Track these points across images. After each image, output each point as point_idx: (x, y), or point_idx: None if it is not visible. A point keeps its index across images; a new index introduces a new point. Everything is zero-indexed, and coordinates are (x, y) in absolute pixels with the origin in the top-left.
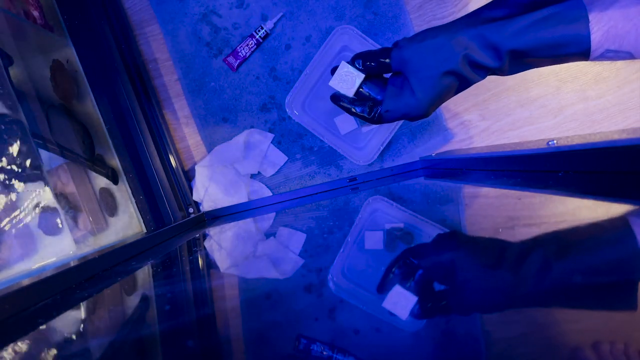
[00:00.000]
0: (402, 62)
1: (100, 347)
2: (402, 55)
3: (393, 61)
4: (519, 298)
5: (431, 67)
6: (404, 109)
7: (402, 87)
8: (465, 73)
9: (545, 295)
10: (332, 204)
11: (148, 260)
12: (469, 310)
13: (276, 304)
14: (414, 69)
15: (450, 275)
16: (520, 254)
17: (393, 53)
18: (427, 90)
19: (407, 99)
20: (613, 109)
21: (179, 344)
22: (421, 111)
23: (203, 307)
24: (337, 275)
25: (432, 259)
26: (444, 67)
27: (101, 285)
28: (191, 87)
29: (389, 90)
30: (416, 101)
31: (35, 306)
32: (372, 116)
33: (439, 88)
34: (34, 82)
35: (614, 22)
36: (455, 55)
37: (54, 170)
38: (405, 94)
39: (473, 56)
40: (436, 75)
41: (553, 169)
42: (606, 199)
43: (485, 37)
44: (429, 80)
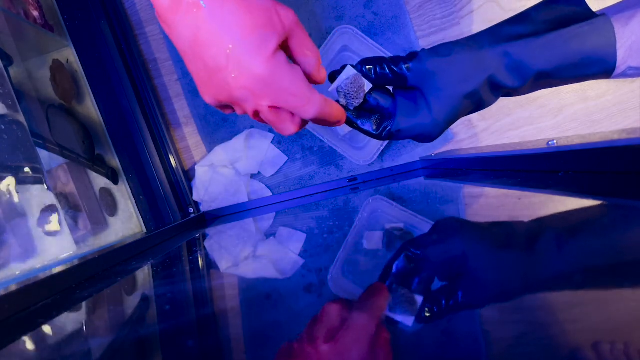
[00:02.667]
0: (423, 76)
1: (100, 347)
2: (423, 69)
3: (412, 73)
4: (536, 280)
5: (455, 86)
6: (417, 129)
7: (417, 105)
8: (484, 95)
9: (565, 274)
10: (332, 204)
11: (148, 260)
12: (482, 301)
13: (276, 304)
14: (435, 86)
15: (457, 265)
16: (531, 233)
17: (413, 65)
18: (446, 111)
19: (422, 118)
20: (613, 109)
21: (179, 344)
22: (434, 134)
23: (203, 307)
24: (337, 275)
25: (435, 248)
26: (468, 88)
27: (101, 285)
28: (191, 86)
29: (402, 106)
30: (432, 122)
31: (35, 306)
32: (380, 133)
33: (458, 110)
34: (34, 82)
35: (636, 37)
36: (480, 76)
37: (54, 170)
38: (421, 113)
39: (497, 78)
40: (459, 95)
41: (553, 169)
42: (606, 199)
43: (512, 56)
44: (450, 100)
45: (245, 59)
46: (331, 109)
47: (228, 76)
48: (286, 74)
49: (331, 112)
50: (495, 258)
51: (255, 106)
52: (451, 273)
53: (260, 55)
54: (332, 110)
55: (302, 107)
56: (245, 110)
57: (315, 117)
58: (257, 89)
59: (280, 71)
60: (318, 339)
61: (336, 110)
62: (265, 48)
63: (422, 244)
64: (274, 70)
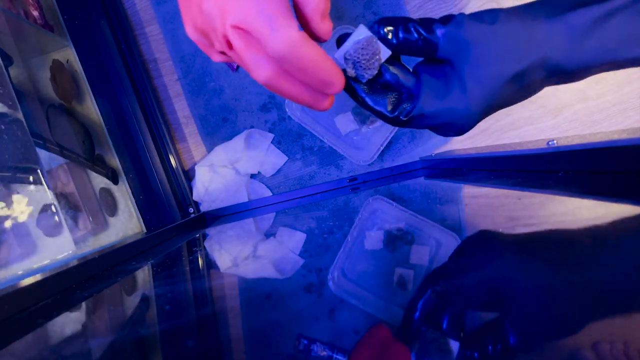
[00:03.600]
0: (459, 46)
1: (100, 347)
2: (460, 37)
3: (444, 41)
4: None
5: (500, 63)
6: (446, 116)
7: (447, 82)
8: (534, 79)
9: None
10: (332, 204)
11: (148, 260)
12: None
13: (276, 304)
14: (474, 61)
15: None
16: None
17: (448, 28)
18: (485, 95)
19: (454, 102)
20: (613, 109)
21: (179, 344)
22: (466, 124)
23: (203, 307)
24: (337, 276)
25: (467, 274)
26: (516, 67)
27: (101, 285)
28: (191, 87)
29: (428, 84)
30: (466, 108)
31: (35, 306)
32: (396, 116)
33: (499, 95)
34: (34, 82)
35: None
36: (533, 54)
37: (54, 170)
38: (453, 95)
39: (555, 58)
40: (503, 75)
41: (553, 169)
42: (606, 199)
43: (576, 27)
44: (491, 81)
45: None
46: (312, 54)
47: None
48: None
49: (311, 58)
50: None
51: (223, 28)
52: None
53: None
54: (314, 56)
55: (268, 34)
56: (218, 38)
57: (282, 54)
58: (223, 3)
59: None
60: None
61: (322, 61)
62: None
63: (451, 270)
64: None
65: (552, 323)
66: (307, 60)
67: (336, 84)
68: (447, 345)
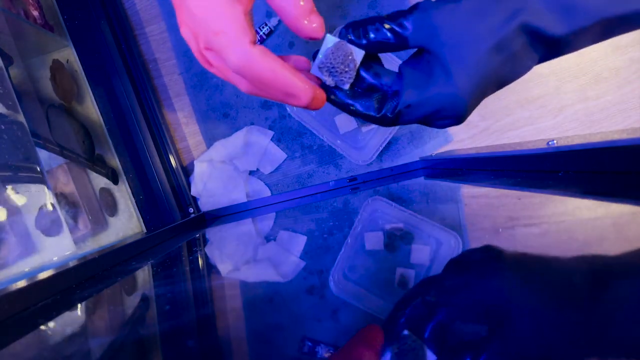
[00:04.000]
0: (429, 31)
1: (100, 347)
2: (428, 21)
3: (414, 30)
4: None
5: (475, 37)
6: (435, 101)
7: (429, 70)
8: (518, 47)
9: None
10: (332, 205)
11: (148, 260)
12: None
13: (279, 307)
14: (449, 41)
15: (489, 314)
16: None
17: (414, 17)
18: (469, 71)
19: (439, 86)
20: (613, 109)
21: (180, 346)
22: (460, 106)
23: (204, 310)
24: (338, 277)
25: (462, 289)
26: (493, 38)
27: (101, 285)
28: (193, 82)
29: (409, 75)
30: (453, 89)
31: (35, 306)
32: (383, 115)
33: (485, 70)
34: (34, 82)
35: None
36: (507, 21)
37: (54, 170)
38: (437, 79)
39: (533, 21)
40: (482, 49)
41: (553, 169)
42: (606, 199)
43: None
44: (471, 56)
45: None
46: (266, 69)
47: (177, 10)
48: (213, 9)
49: (266, 72)
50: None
51: (197, 47)
52: (479, 326)
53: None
54: (268, 70)
55: (225, 52)
56: (201, 57)
57: (238, 69)
58: (191, 25)
59: (210, 5)
60: None
61: (278, 73)
62: None
63: (445, 283)
64: (201, 4)
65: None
66: (262, 75)
67: (301, 97)
68: (424, 355)
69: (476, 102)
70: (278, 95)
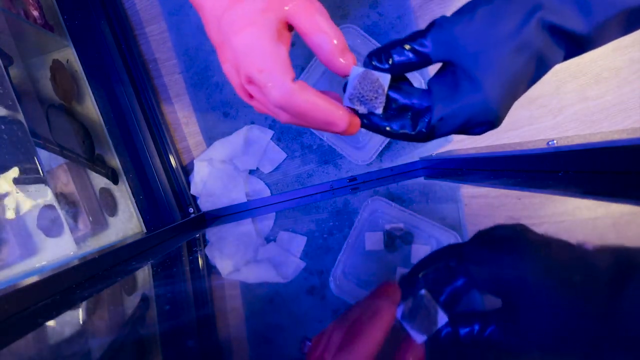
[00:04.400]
0: (449, 45)
1: (100, 347)
2: (447, 36)
3: (434, 46)
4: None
5: (495, 42)
6: (466, 110)
7: (456, 82)
8: (540, 44)
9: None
10: (332, 205)
11: (148, 260)
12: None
13: (279, 308)
14: (470, 51)
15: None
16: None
17: (432, 35)
18: (495, 76)
19: (468, 96)
20: (613, 109)
21: (180, 346)
22: (492, 111)
23: (205, 310)
24: (339, 277)
25: (485, 262)
26: (513, 40)
27: (101, 285)
28: (193, 80)
29: (437, 90)
30: (482, 96)
31: (35, 306)
32: (419, 131)
33: (512, 72)
34: (34, 82)
35: None
36: (525, 20)
37: (54, 170)
38: (464, 89)
39: (550, 17)
40: (505, 52)
41: (553, 169)
42: (606, 199)
43: None
44: (496, 62)
45: (228, 30)
46: (306, 102)
47: (218, 48)
48: (257, 49)
49: (306, 105)
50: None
51: (239, 82)
52: (494, 297)
53: (238, 27)
54: (308, 104)
55: (267, 88)
56: (241, 90)
57: (280, 104)
58: (234, 62)
59: (252, 45)
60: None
61: (318, 106)
62: (245, 20)
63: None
64: (248, 43)
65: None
66: (303, 108)
67: (338, 124)
68: (435, 313)
69: (508, 104)
70: (317, 124)
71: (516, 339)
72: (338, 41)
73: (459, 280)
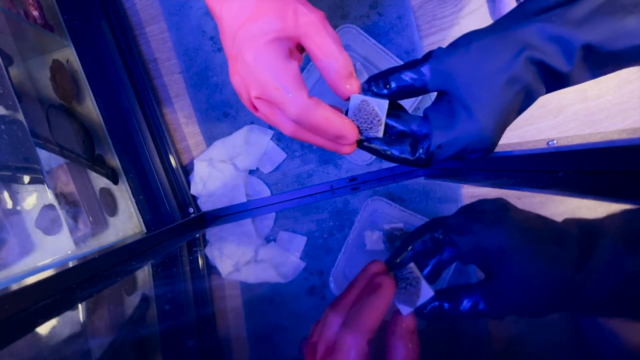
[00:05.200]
0: (445, 76)
1: (100, 347)
2: (444, 67)
3: (431, 76)
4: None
5: (489, 75)
6: (462, 139)
7: (452, 111)
8: (530, 81)
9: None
10: (332, 205)
11: (148, 260)
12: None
13: (279, 308)
14: (465, 82)
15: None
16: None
17: (429, 65)
18: (489, 107)
19: (464, 124)
20: (613, 109)
21: (180, 346)
22: (486, 139)
23: (205, 310)
24: (339, 277)
25: (470, 240)
26: (506, 73)
27: (101, 285)
28: (193, 80)
29: (435, 118)
30: (477, 125)
31: (35, 306)
32: (418, 157)
33: (504, 104)
34: (34, 82)
35: None
36: (516, 56)
37: (54, 170)
38: (460, 119)
39: (539, 56)
40: (498, 84)
41: (553, 169)
42: (606, 199)
43: (545, 30)
44: (489, 93)
45: (243, 45)
46: (321, 117)
47: (230, 60)
48: (272, 66)
49: (320, 120)
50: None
51: (247, 96)
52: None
53: (252, 44)
54: (323, 118)
55: (283, 104)
56: (248, 103)
57: (297, 119)
58: (245, 77)
59: (267, 62)
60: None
61: (332, 120)
62: (260, 37)
63: (455, 224)
64: (260, 61)
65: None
66: (317, 122)
67: (348, 136)
68: (418, 290)
69: (500, 132)
70: (329, 137)
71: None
72: (346, 68)
73: (444, 253)
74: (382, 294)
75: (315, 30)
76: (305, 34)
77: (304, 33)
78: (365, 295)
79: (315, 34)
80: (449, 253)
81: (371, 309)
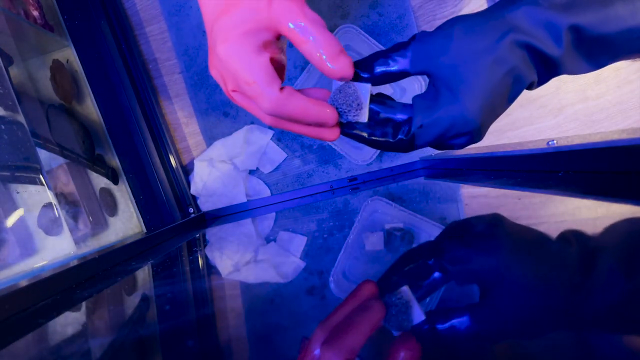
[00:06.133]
0: (429, 57)
1: (100, 347)
2: (427, 49)
3: (414, 59)
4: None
5: (473, 55)
6: (444, 119)
7: (436, 94)
8: (518, 63)
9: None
10: (332, 205)
11: (148, 261)
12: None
13: (279, 308)
14: (449, 63)
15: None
16: (583, 261)
17: (413, 47)
18: (473, 88)
19: (447, 103)
20: (613, 109)
21: (180, 346)
22: (470, 122)
23: (205, 310)
24: (339, 277)
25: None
26: (490, 54)
27: (101, 285)
28: (193, 80)
29: (419, 102)
30: (460, 106)
31: (35, 306)
32: (399, 139)
33: (489, 85)
34: (34, 82)
35: None
36: (501, 38)
37: (54, 170)
38: (444, 100)
39: (524, 38)
40: (483, 65)
41: (553, 169)
42: (606, 199)
43: (532, 13)
44: (472, 73)
45: (217, 39)
46: (296, 106)
47: (209, 54)
48: (243, 60)
49: (296, 109)
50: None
51: (225, 88)
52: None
53: (224, 37)
54: (298, 108)
55: (256, 98)
56: (228, 95)
57: (272, 112)
58: (221, 70)
59: (237, 56)
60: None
61: (308, 108)
62: (232, 31)
63: (445, 247)
64: (232, 55)
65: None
66: (292, 113)
67: (327, 121)
68: (411, 314)
69: (488, 117)
70: (309, 124)
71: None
72: (329, 48)
73: (435, 277)
74: (368, 319)
75: (291, 14)
76: (280, 21)
77: (278, 20)
78: (353, 319)
79: (291, 19)
80: (442, 274)
81: (356, 332)
